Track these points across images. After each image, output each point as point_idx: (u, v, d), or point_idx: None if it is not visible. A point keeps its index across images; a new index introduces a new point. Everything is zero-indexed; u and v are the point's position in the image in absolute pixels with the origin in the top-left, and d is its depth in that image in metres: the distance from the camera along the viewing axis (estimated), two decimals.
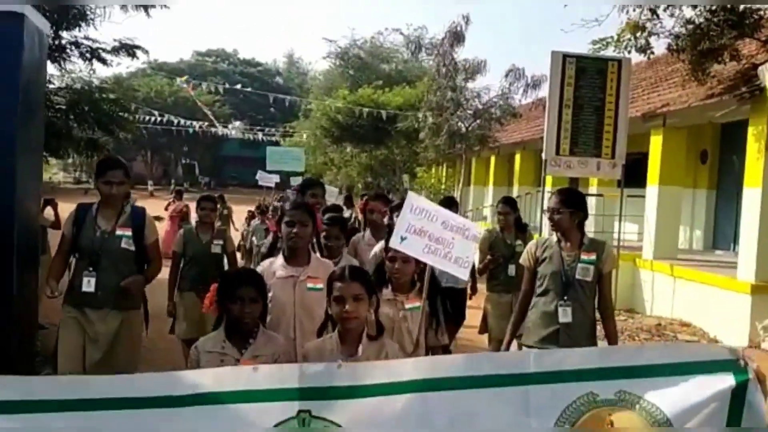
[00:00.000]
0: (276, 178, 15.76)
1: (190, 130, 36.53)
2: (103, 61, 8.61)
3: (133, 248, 4.47)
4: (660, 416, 2.25)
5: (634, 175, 12.95)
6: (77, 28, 8.43)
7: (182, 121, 34.13)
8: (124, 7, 7.72)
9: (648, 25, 10.57)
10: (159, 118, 32.34)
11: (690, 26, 10.47)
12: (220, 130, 40.90)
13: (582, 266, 4.46)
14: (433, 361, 2.70)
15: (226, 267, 6.88)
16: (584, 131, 11.16)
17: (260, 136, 42.10)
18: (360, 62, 33.09)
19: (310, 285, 3.88)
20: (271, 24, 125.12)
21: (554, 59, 11.01)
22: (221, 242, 6.88)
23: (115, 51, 8.65)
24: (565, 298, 4.45)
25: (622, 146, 10.92)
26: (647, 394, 2.28)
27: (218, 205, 7.33)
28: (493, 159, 20.86)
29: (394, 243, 3.37)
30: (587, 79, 11.07)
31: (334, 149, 28.99)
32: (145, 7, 7.83)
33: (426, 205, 3.42)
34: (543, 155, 11.27)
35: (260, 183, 15.27)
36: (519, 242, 6.91)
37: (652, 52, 10.39)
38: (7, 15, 3.96)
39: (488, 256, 6.95)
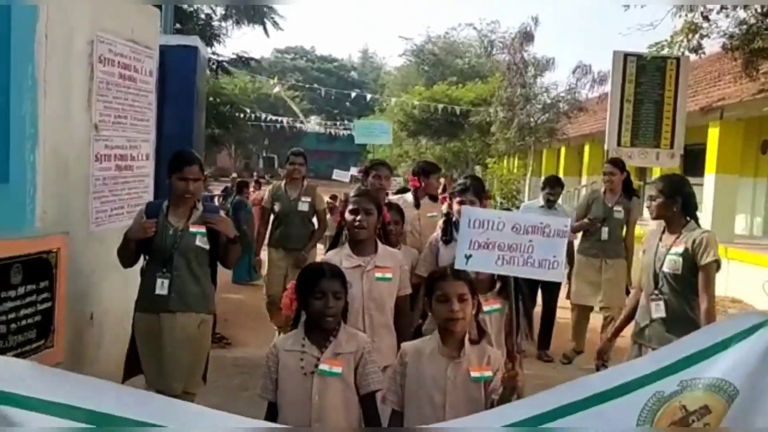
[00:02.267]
0: (349, 174, 17.11)
1: (272, 125, 38.56)
2: (228, 72, 10.17)
3: (208, 246, 4.15)
4: (726, 386, 2.35)
5: (694, 165, 13.90)
6: (210, 47, 10.02)
7: (265, 116, 36.13)
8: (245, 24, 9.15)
9: (704, 25, 11.49)
10: (244, 114, 34.42)
11: (743, 26, 11.34)
12: (299, 124, 42.90)
13: (670, 258, 4.19)
14: (501, 412, 2.58)
15: (315, 225, 6.90)
16: (644, 124, 12.11)
17: (336, 130, 43.99)
18: (434, 58, 34.37)
19: (378, 275, 3.73)
20: (347, 21, 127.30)
21: (616, 58, 11.99)
22: (309, 200, 6.71)
23: (233, 63, 10.18)
24: (656, 292, 4.23)
25: (681, 138, 11.82)
26: (707, 373, 2.36)
27: (306, 163, 6.93)
28: (563, 150, 21.84)
29: (460, 264, 3.04)
30: (647, 76, 12.02)
31: (410, 142, 30.41)
32: (264, 26, 9.28)
33: (486, 216, 3.09)
34: (605, 146, 12.30)
35: (335, 177, 15.72)
36: (619, 208, 6.73)
37: (704, 53, 11.25)
38: (189, 48, 5.50)
39: (585, 220, 6.82)
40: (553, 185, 7.65)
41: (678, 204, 4.22)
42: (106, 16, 4.23)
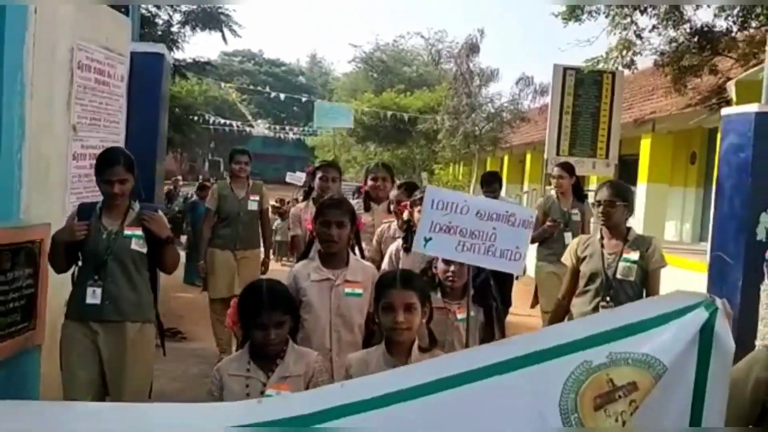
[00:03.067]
0: (302, 177, 17.41)
1: (219, 128, 38.52)
2: (184, 76, 10.46)
3: (145, 249, 3.87)
4: (654, 362, 2.27)
5: (628, 174, 14.73)
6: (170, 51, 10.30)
7: (213, 119, 36.10)
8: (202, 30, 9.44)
9: (637, 42, 12.25)
10: (188, 116, 34.33)
11: (673, 44, 12.15)
12: (246, 128, 42.92)
13: (624, 265, 4.19)
14: (412, 369, 2.47)
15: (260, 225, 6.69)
16: (582, 134, 12.82)
17: (284, 134, 44.16)
18: (383, 65, 35.04)
19: (348, 290, 3.51)
20: (295, 25, 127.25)
21: (556, 71, 12.67)
22: (257, 198, 6.61)
23: (188, 67, 10.48)
24: (607, 298, 4.17)
25: (615, 148, 12.56)
26: (637, 348, 2.28)
27: (251, 162, 6.78)
28: (506, 158, 22.63)
29: (418, 247, 2.93)
30: (585, 89, 12.73)
31: (358, 148, 30.93)
32: (222, 33, 9.58)
33: (451, 197, 2.91)
34: (545, 155, 12.96)
35: (288, 181, 15.59)
36: (576, 211, 6.74)
37: (636, 68, 12.02)
38: (156, 54, 5.82)
39: (547, 223, 6.65)
40: (490, 182, 7.70)
41: (630, 210, 4.31)
42: (84, 26, 4.54)
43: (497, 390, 2.28)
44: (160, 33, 9.85)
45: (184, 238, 12.82)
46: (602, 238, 4.35)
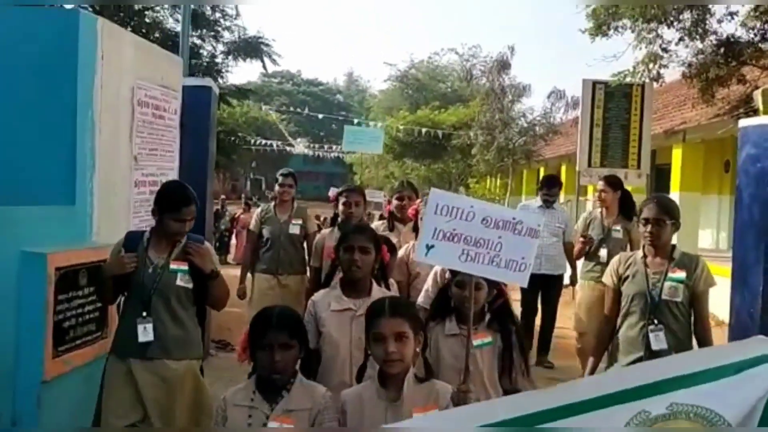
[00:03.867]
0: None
1: (260, 148, 39.48)
2: (228, 103, 11.08)
3: (191, 285, 3.70)
4: (717, 420, 2.08)
5: (662, 183, 14.92)
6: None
7: (254, 140, 37.02)
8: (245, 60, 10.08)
9: (664, 56, 12.52)
10: (231, 138, 35.34)
11: (700, 56, 12.39)
12: (287, 147, 43.88)
13: (669, 285, 3.92)
14: (465, 412, 2.38)
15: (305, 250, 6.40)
16: (612, 146, 13.09)
17: (323, 152, 44.99)
18: (418, 83, 35.63)
19: None
20: (332, 46, 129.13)
21: (585, 86, 12.97)
22: (300, 222, 6.36)
23: (232, 93, 11.11)
24: (655, 321, 3.92)
25: (646, 158, 12.81)
26: (701, 401, 2.09)
27: (296, 185, 6.61)
28: (542, 170, 22.91)
29: (419, 255, 2.75)
30: (615, 102, 13.05)
31: (395, 164, 31.46)
32: (263, 61, 10.19)
33: (456, 202, 2.74)
34: (577, 167, 13.27)
35: (330, 195, 16.39)
36: (618, 227, 6.39)
37: (664, 81, 12.28)
38: (204, 87, 6.38)
39: (579, 239, 6.51)
40: (551, 185, 7.53)
41: (677, 228, 4.04)
42: (143, 67, 5.10)
43: None
44: (205, 64, 10.51)
45: (230, 257, 13.31)
46: (645, 256, 4.06)
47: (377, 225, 5.74)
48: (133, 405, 3.61)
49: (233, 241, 17.12)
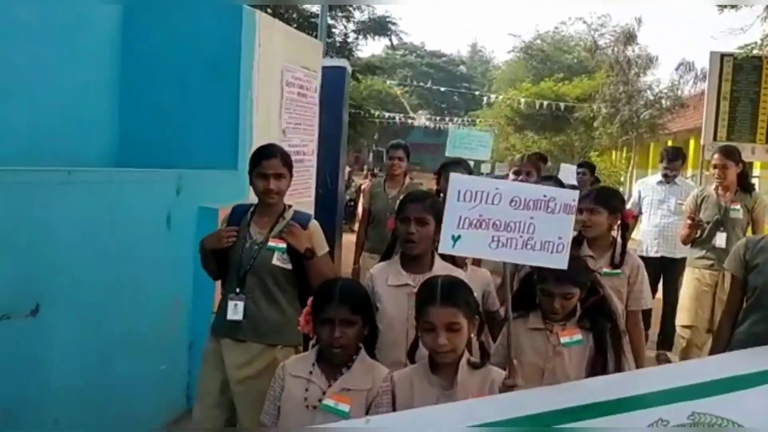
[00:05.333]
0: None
1: (383, 121, 40.52)
2: (357, 80, 11.86)
3: (289, 266, 3.44)
4: None
5: None
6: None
7: (377, 113, 38.03)
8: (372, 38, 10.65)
9: None
10: (356, 111, 36.56)
11: None
12: (409, 120, 44.74)
13: None
14: (463, 408, 2.28)
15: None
16: (740, 120, 12.89)
17: (444, 124, 45.44)
18: (542, 54, 35.28)
19: None
20: (456, 17, 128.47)
21: (713, 59, 12.80)
22: None
23: (362, 70, 11.88)
24: None
25: None
26: (724, 413, 1.92)
27: (409, 158, 6.14)
28: (670, 143, 22.45)
29: (445, 248, 2.55)
30: (743, 75, 12.82)
31: (516, 136, 31.51)
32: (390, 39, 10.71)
33: (479, 185, 2.55)
34: (702, 141, 13.17)
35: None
36: (736, 207, 5.57)
37: None
38: (339, 68, 7.13)
39: (687, 222, 5.71)
40: (672, 158, 7.00)
41: None
42: (290, 51, 5.88)
43: None
44: (338, 44, 11.30)
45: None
46: None
47: None
48: (223, 391, 3.45)
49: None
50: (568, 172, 11.20)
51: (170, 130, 5.05)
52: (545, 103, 25.83)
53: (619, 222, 3.89)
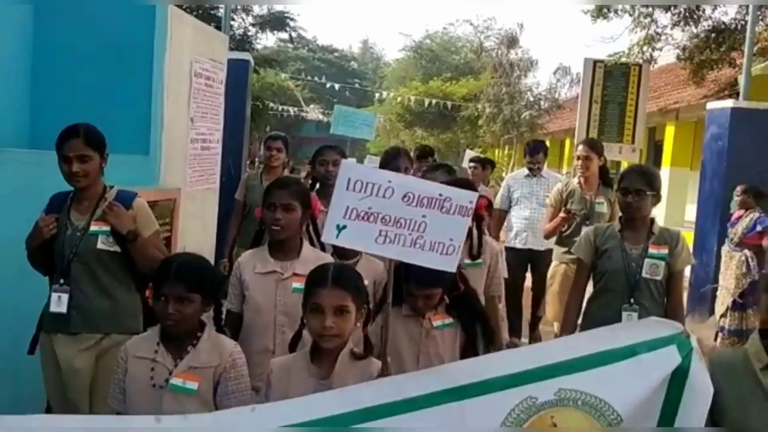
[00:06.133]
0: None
1: (276, 114, 40.51)
2: (257, 72, 12.10)
3: (115, 248, 3.30)
4: (606, 410, 1.97)
5: (659, 158, 15.97)
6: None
7: (269, 105, 38.04)
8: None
9: (657, 39, 13.44)
10: (253, 103, 36.39)
11: (693, 40, 13.33)
12: (301, 113, 44.93)
13: (650, 262, 3.68)
14: (342, 394, 2.21)
15: None
16: (609, 122, 14.09)
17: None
18: (431, 54, 36.50)
19: (296, 284, 3.07)
20: (348, 13, 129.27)
21: (586, 64, 13.85)
22: None
23: (259, 63, 12.16)
24: (631, 300, 3.68)
25: (640, 135, 13.81)
26: (589, 388, 1.99)
27: (288, 150, 6.11)
28: (548, 143, 23.95)
29: (329, 237, 2.45)
30: (613, 80, 14.01)
31: (406, 133, 32.54)
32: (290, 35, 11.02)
33: (372, 176, 2.42)
34: (575, 140, 14.28)
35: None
36: (600, 200, 5.69)
37: (656, 63, 13.26)
38: (243, 61, 7.47)
39: (560, 215, 5.65)
40: (533, 151, 7.08)
41: (658, 201, 3.79)
42: (198, 44, 6.17)
43: (425, 424, 2.03)
44: (238, 36, 11.54)
45: None
46: (622, 230, 3.84)
47: None
48: (60, 384, 3.31)
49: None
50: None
51: (84, 116, 5.23)
52: (434, 101, 26.90)
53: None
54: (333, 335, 2.47)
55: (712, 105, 8.55)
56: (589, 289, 4.13)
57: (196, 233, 6.35)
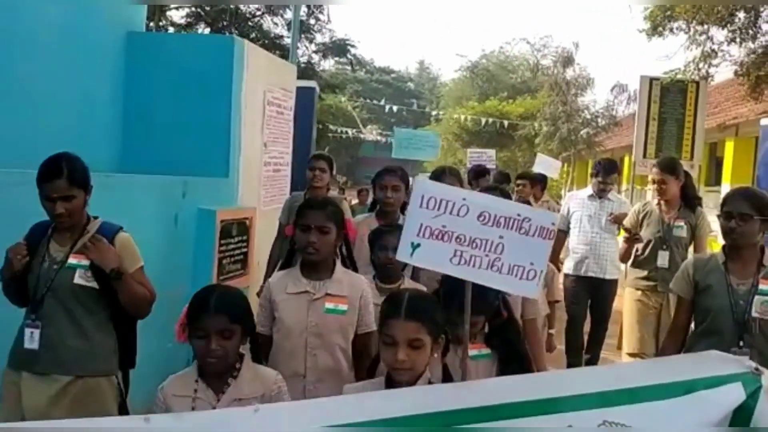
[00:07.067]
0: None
1: (334, 135, 41.43)
2: (320, 98, 12.67)
3: (93, 284, 3.09)
4: None
5: (720, 175, 15.91)
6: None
7: (330, 127, 38.97)
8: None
9: (713, 55, 13.48)
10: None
11: (752, 56, 13.32)
12: (360, 134, 45.80)
13: (762, 299, 3.23)
14: (360, 401, 2.16)
15: None
16: (667, 139, 14.18)
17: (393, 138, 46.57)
18: (487, 74, 36.85)
19: (329, 305, 3.06)
20: (405, 34, 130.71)
21: (642, 82, 14.05)
22: None
23: (322, 89, 12.72)
24: (740, 344, 3.22)
25: (699, 151, 13.87)
26: (637, 422, 1.77)
27: (332, 171, 5.93)
28: None
29: (403, 256, 2.37)
30: (670, 97, 14.11)
31: (463, 152, 32.84)
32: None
33: (446, 194, 2.33)
34: (633, 158, 14.40)
35: None
36: (680, 224, 5.25)
37: (713, 79, 13.30)
38: (309, 89, 7.99)
39: (624, 235, 5.48)
40: (608, 171, 6.48)
41: (766, 227, 3.30)
42: (271, 75, 6.70)
43: None
44: (302, 64, 12.19)
45: None
46: (726, 261, 3.37)
47: None
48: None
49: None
50: (547, 165, 11.23)
51: (170, 143, 5.79)
52: (490, 120, 27.20)
53: None
54: (406, 369, 2.34)
55: (766, 121, 8.65)
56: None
57: (268, 250, 6.84)
